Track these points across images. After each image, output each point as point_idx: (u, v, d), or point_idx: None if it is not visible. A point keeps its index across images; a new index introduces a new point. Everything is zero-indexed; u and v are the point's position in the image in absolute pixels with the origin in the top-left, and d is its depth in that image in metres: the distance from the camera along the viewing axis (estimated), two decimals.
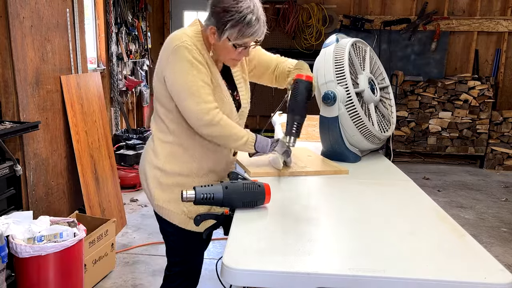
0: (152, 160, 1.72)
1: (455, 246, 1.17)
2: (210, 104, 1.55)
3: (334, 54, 1.95)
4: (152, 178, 1.72)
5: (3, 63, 2.54)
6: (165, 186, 1.70)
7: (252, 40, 1.58)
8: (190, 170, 1.70)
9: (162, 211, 1.73)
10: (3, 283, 2.12)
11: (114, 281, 2.86)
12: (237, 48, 1.57)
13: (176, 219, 1.72)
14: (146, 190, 1.77)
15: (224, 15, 1.52)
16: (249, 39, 1.56)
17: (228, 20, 1.52)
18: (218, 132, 1.58)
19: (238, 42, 1.56)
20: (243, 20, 1.51)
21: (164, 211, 1.73)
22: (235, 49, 1.58)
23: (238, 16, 1.51)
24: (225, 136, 1.60)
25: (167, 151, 1.69)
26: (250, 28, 1.53)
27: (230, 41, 1.55)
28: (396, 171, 1.92)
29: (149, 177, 1.73)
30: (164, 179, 1.69)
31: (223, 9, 1.52)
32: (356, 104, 1.89)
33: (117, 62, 4.91)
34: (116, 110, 4.93)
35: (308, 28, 6.06)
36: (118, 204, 3.64)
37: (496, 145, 5.82)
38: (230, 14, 1.51)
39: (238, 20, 1.51)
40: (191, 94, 1.53)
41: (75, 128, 3.15)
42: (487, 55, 6.12)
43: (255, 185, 1.37)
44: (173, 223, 1.73)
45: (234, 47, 1.57)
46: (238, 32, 1.53)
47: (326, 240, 1.21)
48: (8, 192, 2.53)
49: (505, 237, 3.71)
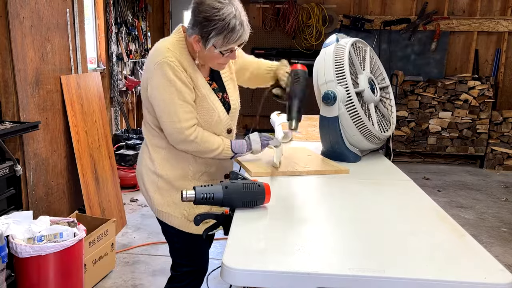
0: (148, 165, 1.74)
1: (455, 246, 1.17)
2: (185, 123, 1.58)
3: (334, 54, 1.94)
4: (150, 183, 1.74)
5: (3, 63, 2.54)
6: (163, 191, 1.72)
7: (237, 44, 1.57)
8: (185, 173, 1.72)
9: (162, 215, 1.76)
10: (3, 283, 2.12)
11: (114, 281, 2.86)
12: (224, 54, 1.57)
13: (177, 223, 1.75)
14: (145, 194, 1.79)
15: (207, 24, 1.50)
16: (234, 44, 1.55)
17: (212, 29, 1.50)
18: (193, 148, 1.64)
19: (223, 49, 1.55)
20: (227, 27, 1.49)
21: (164, 215, 1.75)
22: (222, 55, 1.58)
23: (221, 24, 1.49)
24: (201, 151, 1.66)
25: (161, 156, 1.72)
26: (235, 33, 1.51)
27: (216, 49, 1.54)
28: (396, 171, 1.92)
29: (147, 182, 1.75)
30: (162, 184, 1.72)
31: (206, 18, 1.50)
32: (356, 104, 1.89)
33: (117, 62, 4.91)
34: (116, 110, 4.93)
35: (308, 28, 6.06)
36: (118, 204, 3.64)
37: (496, 145, 5.82)
38: (214, 23, 1.49)
39: (222, 28, 1.49)
40: (168, 113, 1.57)
41: (75, 128, 3.15)
42: (487, 55, 6.12)
43: (255, 185, 1.37)
44: (173, 226, 1.76)
45: (221, 54, 1.57)
46: (223, 39, 1.52)
47: (326, 240, 1.21)
48: (8, 192, 2.53)
49: (505, 237, 3.71)
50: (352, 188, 1.60)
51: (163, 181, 1.72)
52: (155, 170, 1.71)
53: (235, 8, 1.51)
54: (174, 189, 1.71)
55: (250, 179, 1.43)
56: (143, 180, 1.76)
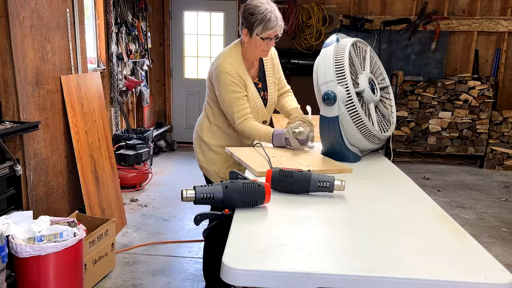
0: (198, 132, 2.39)
1: (455, 246, 1.17)
2: (240, 113, 2.17)
3: (335, 54, 1.94)
4: (198, 146, 2.39)
5: (3, 63, 2.54)
6: (205, 152, 2.36)
7: (274, 33, 2.10)
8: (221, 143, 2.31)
9: (202, 170, 2.41)
10: (3, 283, 2.12)
11: (114, 281, 2.86)
12: (264, 40, 2.11)
13: (212, 177, 2.37)
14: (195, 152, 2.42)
15: (251, 17, 2.08)
16: (271, 31, 2.09)
17: (254, 21, 2.07)
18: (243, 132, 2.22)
19: (264, 35, 2.09)
20: (265, 18, 2.06)
21: (204, 170, 2.40)
22: (263, 41, 2.11)
23: (261, 16, 2.06)
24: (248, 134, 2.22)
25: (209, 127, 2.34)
26: (271, 23, 2.07)
27: (258, 35, 2.10)
28: (396, 171, 1.92)
29: (196, 145, 2.41)
30: (204, 147, 2.36)
31: (250, 13, 2.08)
32: (356, 104, 1.89)
33: (117, 62, 4.91)
34: (116, 110, 4.93)
35: (308, 28, 6.06)
36: (118, 204, 3.64)
37: (496, 145, 5.82)
38: (255, 16, 2.07)
39: (262, 19, 2.06)
40: (229, 107, 2.19)
41: (75, 128, 3.15)
42: (487, 55, 6.12)
43: (255, 185, 1.37)
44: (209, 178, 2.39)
45: (262, 40, 2.11)
46: (263, 27, 2.07)
47: (326, 240, 1.21)
48: (8, 192, 2.54)
49: (505, 237, 3.72)
50: (352, 188, 1.59)
51: (205, 145, 2.35)
52: (202, 136, 2.36)
53: (270, 6, 2.10)
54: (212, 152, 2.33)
55: (250, 179, 1.43)
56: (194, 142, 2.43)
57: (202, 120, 2.40)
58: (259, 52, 2.20)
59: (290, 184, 1.51)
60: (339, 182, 1.50)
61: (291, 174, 1.51)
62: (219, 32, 6.47)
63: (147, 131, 5.16)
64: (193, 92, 6.56)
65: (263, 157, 1.90)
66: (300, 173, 1.51)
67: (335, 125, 1.93)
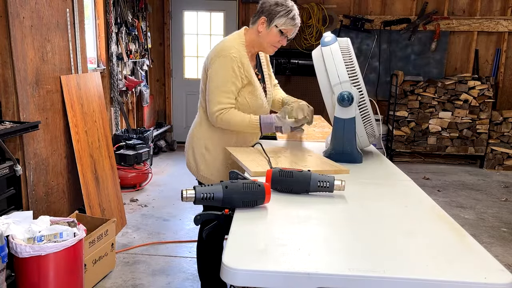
0: (196, 135, 2.23)
1: (455, 246, 1.17)
2: (222, 105, 2.04)
3: (342, 53, 1.90)
4: (200, 154, 2.22)
5: (3, 63, 2.54)
6: (209, 162, 2.21)
7: (291, 30, 2.08)
8: (227, 144, 2.18)
9: (204, 180, 2.23)
10: (3, 283, 2.12)
11: (114, 281, 2.86)
12: (280, 35, 2.07)
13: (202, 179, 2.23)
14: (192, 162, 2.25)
15: (275, 7, 2.05)
16: (290, 27, 2.07)
17: (279, 11, 2.04)
18: (222, 122, 2.07)
19: (283, 28, 2.06)
20: (290, 12, 2.05)
21: (206, 180, 2.22)
22: (280, 35, 2.07)
23: (287, 9, 2.05)
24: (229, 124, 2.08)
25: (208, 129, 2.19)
26: (293, 20, 2.06)
27: (278, 27, 2.06)
28: (396, 171, 1.92)
29: (197, 153, 2.23)
30: (207, 156, 2.21)
31: (276, 4, 2.05)
32: (368, 104, 1.86)
33: (117, 62, 4.91)
34: (116, 110, 4.93)
35: (308, 28, 6.06)
36: (118, 204, 3.64)
37: (496, 145, 5.82)
38: (281, 7, 2.04)
39: (286, 12, 2.05)
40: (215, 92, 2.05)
41: (75, 128, 3.15)
42: (487, 55, 6.12)
43: (255, 185, 1.37)
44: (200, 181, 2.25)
45: (280, 33, 2.06)
46: (285, 21, 2.05)
47: (326, 240, 1.21)
48: (8, 192, 2.53)
49: (505, 237, 3.71)
50: (352, 188, 1.59)
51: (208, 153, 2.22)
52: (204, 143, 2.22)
53: (293, 5, 2.09)
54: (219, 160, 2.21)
55: (250, 179, 1.43)
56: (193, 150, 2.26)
57: (199, 120, 2.28)
58: (267, 46, 2.13)
59: (290, 184, 1.51)
60: (339, 182, 1.50)
61: (291, 174, 1.51)
62: (219, 32, 6.47)
63: (147, 131, 5.16)
64: (193, 92, 6.55)
65: (262, 158, 1.89)
66: (300, 173, 1.51)
67: (351, 126, 1.88)
